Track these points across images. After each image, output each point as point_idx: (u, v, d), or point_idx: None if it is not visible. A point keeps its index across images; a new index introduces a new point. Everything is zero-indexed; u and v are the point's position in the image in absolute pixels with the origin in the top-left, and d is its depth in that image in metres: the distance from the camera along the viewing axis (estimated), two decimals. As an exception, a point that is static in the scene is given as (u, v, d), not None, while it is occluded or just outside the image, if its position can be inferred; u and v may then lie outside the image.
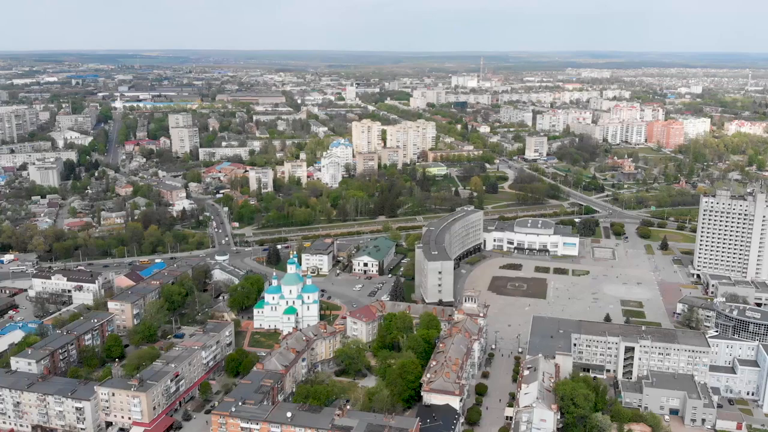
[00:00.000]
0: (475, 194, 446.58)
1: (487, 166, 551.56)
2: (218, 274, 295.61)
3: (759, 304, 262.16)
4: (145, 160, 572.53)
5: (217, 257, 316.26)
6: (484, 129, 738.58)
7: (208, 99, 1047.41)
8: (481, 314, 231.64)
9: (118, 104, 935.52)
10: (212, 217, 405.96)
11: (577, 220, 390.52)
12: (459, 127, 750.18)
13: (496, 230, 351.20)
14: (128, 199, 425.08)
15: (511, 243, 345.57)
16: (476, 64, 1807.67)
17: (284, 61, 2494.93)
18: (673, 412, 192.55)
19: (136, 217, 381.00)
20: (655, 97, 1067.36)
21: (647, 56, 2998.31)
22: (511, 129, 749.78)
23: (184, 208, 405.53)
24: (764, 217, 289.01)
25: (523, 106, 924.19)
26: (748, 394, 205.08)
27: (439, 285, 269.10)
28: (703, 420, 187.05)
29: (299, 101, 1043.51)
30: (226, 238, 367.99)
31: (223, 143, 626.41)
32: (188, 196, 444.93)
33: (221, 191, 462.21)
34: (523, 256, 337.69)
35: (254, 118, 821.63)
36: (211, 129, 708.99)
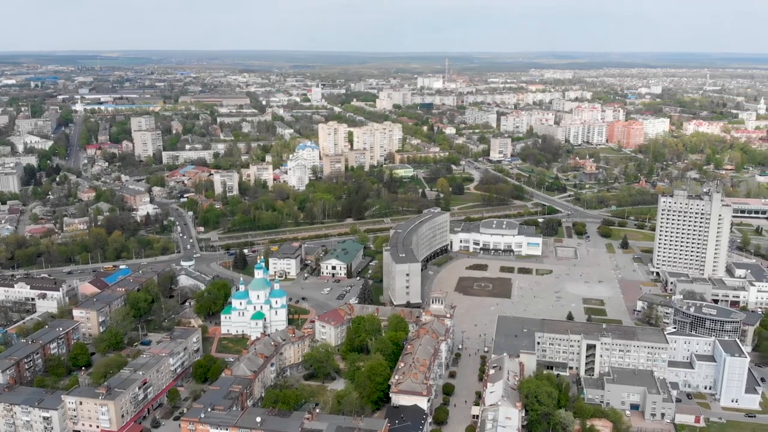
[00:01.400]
0: (441, 196, 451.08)
1: (453, 167, 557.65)
2: (184, 280, 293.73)
3: (716, 301, 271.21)
4: (107, 164, 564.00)
5: (182, 263, 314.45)
6: (450, 130, 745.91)
7: (171, 101, 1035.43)
8: (448, 315, 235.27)
9: (78, 107, 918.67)
10: (177, 221, 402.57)
11: (540, 220, 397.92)
12: (425, 128, 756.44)
13: (463, 231, 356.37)
14: (91, 205, 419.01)
15: (477, 244, 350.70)
16: (441, 65, 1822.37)
17: (248, 62, 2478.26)
18: (634, 407, 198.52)
19: (99, 223, 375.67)
20: (616, 98, 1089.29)
21: (609, 57, 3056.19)
22: (476, 130, 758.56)
23: (148, 212, 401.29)
24: (720, 215, 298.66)
25: (487, 107, 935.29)
26: (705, 388, 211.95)
27: (407, 287, 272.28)
28: (663, 414, 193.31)
29: (264, 102, 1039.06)
30: (192, 243, 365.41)
31: (187, 146, 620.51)
32: (152, 201, 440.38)
33: (186, 195, 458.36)
34: (488, 257, 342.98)
35: (218, 120, 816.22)
36: (174, 132, 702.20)
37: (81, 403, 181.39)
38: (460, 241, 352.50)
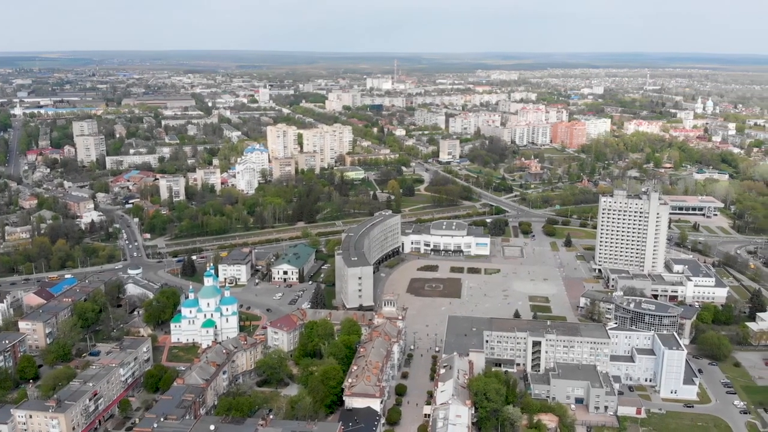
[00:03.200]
0: (392, 197, 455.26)
1: (404, 169, 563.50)
2: (132, 289, 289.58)
3: (656, 296, 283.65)
4: (49, 170, 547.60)
5: (129, 271, 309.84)
6: (400, 132, 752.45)
7: (114, 104, 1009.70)
8: (400, 317, 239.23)
9: (17, 111, 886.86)
10: (122, 228, 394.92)
11: (488, 220, 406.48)
12: (375, 130, 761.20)
13: (414, 233, 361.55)
14: (33, 213, 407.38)
15: (428, 245, 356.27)
16: (390, 65, 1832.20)
17: (193, 62, 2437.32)
18: (578, 400, 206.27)
19: (42, 231, 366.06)
20: (559, 99, 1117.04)
21: (553, 57, 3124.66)
22: (426, 132, 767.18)
23: (92, 220, 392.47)
24: (658, 214, 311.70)
25: (436, 108, 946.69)
26: (646, 380, 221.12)
27: (360, 290, 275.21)
28: (606, 407, 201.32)
29: (210, 104, 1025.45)
30: (138, 250, 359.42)
31: (131, 150, 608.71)
32: (96, 208, 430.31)
33: (131, 201, 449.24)
34: (439, 257, 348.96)
35: (163, 123, 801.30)
36: (117, 136, 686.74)
37: (31, 417, 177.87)
38: (412, 243, 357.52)
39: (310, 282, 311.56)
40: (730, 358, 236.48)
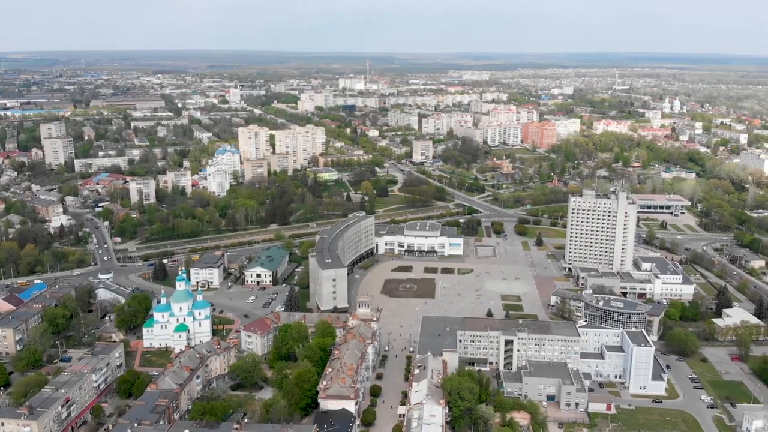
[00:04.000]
0: (366, 198, 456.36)
1: (377, 170, 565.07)
2: (103, 294, 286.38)
3: (624, 294, 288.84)
4: (16, 173, 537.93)
5: (100, 275, 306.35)
6: (373, 133, 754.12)
7: (82, 105, 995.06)
8: (375, 318, 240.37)
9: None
10: (92, 232, 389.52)
11: (461, 220, 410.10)
12: (348, 131, 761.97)
13: (388, 234, 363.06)
14: (1, 217, 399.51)
15: (402, 246, 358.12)
16: (363, 65, 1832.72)
17: (162, 62, 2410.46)
18: (550, 398, 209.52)
19: (10, 236, 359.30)
20: (530, 99, 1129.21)
21: (524, 57, 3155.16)
22: (399, 132, 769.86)
23: (61, 224, 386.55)
24: (626, 213, 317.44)
25: (409, 109, 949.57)
26: (615, 377, 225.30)
27: (334, 292, 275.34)
28: (577, 404, 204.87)
29: (180, 105, 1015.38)
30: (109, 254, 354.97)
31: (100, 153, 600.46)
32: (65, 212, 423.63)
33: (100, 204, 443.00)
34: (413, 258, 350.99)
35: (132, 124, 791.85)
36: (86, 138, 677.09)
37: (3, 424, 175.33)
38: (386, 244, 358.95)
39: (284, 285, 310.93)
40: (698, 354, 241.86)
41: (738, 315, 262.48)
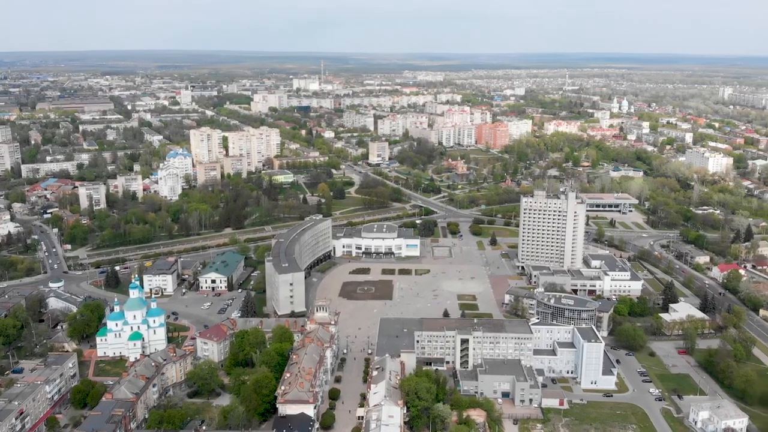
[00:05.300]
0: (323, 201, 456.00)
1: (334, 171, 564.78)
2: (54, 302, 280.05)
3: (575, 291, 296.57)
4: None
5: (50, 284, 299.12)
6: (329, 134, 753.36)
7: (28, 108, 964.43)
8: (333, 322, 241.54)
9: None
10: (41, 240, 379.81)
11: (418, 221, 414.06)
12: (303, 132, 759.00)
13: (345, 237, 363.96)
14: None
15: (360, 248, 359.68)
16: (317, 65, 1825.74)
17: (111, 63, 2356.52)
18: (505, 395, 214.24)
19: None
20: (483, 100, 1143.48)
21: (478, 58, 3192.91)
22: (355, 134, 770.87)
23: (9, 231, 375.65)
24: (575, 212, 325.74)
25: (365, 110, 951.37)
26: (567, 372, 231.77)
27: (291, 296, 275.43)
28: (531, 400, 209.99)
29: (130, 107, 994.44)
30: (59, 262, 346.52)
31: (48, 158, 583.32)
32: (13, 219, 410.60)
33: (49, 211, 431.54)
34: (371, 260, 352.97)
35: (80, 127, 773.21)
36: (33, 142, 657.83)
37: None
38: (343, 247, 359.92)
39: (240, 290, 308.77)
40: (646, 348, 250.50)
41: (684, 310, 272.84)
